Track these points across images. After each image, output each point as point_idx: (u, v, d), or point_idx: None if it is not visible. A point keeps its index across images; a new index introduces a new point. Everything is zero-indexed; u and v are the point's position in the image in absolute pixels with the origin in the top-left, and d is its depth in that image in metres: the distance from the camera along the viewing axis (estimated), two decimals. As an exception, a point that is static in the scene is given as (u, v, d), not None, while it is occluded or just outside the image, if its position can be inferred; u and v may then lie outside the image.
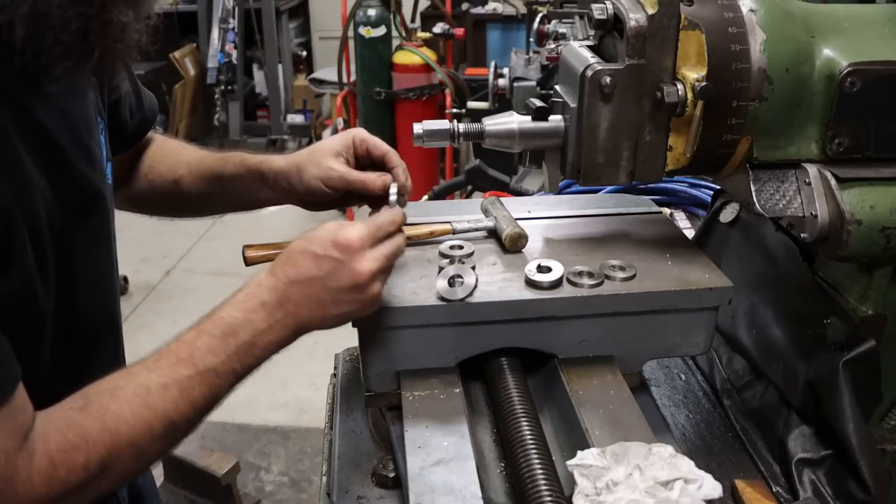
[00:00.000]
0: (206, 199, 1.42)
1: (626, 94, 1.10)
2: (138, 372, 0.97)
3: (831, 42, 1.09)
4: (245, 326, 1.02)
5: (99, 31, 0.93)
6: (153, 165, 1.44)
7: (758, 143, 1.11)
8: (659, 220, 1.42)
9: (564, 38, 3.86)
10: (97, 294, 1.16)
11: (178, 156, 1.44)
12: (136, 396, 0.95)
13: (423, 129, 1.26)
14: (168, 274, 5.33)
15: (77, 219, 1.05)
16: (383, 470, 1.12)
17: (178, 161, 1.43)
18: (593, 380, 1.15)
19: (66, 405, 0.94)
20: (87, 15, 0.91)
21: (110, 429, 0.92)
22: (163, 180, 1.43)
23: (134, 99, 1.35)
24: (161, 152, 1.45)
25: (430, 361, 1.16)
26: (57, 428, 0.91)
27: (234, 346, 1.01)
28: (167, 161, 1.44)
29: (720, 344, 1.42)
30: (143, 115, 1.39)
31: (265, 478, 3.53)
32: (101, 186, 1.11)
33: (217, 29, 7.20)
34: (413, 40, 5.47)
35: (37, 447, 0.89)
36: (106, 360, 1.20)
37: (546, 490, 0.94)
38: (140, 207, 1.49)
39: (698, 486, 0.91)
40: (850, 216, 1.06)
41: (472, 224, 1.33)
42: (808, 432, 1.18)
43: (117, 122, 1.29)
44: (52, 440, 0.90)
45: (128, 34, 0.97)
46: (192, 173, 1.41)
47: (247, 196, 1.37)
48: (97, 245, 1.14)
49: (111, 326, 1.22)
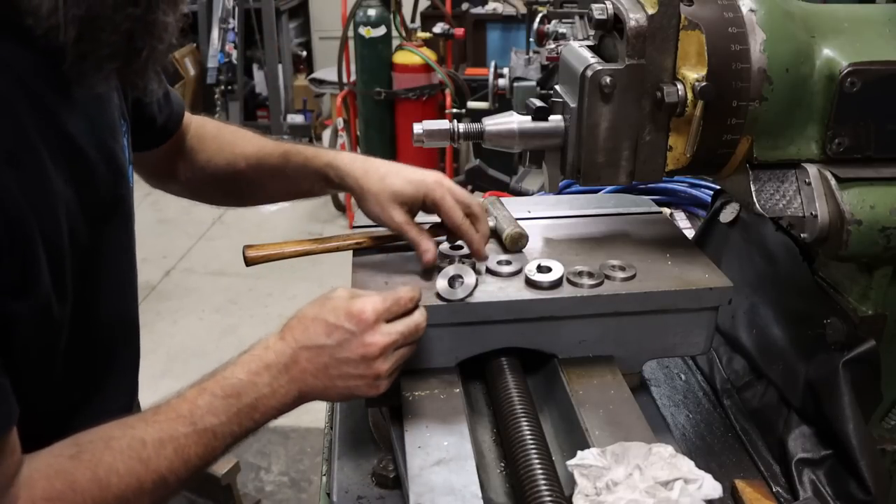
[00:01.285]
0: (268, 189, 1.43)
1: (626, 94, 1.10)
2: (135, 424, 0.95)
3: (831, 42, 1.09)
4: (248, 389, 1.00)
5: (145, 31, 0.92)
6: (211, 157, 1.43)
7: (758, 143, 1.11)
8: (659, 220, 1.42)
9: (564, 38, 3.86)
10: (118, 299, 1.15)
11: (235, 148, 1.42)
12: (131, 449, 0.92)
13: (423, 129, 1.26)
14: (168, 274, 5.32)
15: (99, 225, 1.04)
16: (383, 470, 1.12)
17: (237, 154, 1.41)
18: (593, 380, 1.15)
19: (56, 451, 0.91)
20: (136, 16, 0.90)
21: (100, 479, 0.90)
22: (224, 171, 1.42)
23: (161, 95, 1.34)
24: (218, 144, 1.44)
25: (430, 361, 1.16)
26: (45, 475, 0.88)
27: (236, 408, 0.99)
28: (225, 154, 1.43)
29: (720, 344, 1.42)
30: (172, 109, 1.38)
31: (265, 478, 3.53)
32: (124, 191, 1.11)
33: (217, 29, 7.20)
34: (413, 40, 5.46)
35: (21, 494, 0.86)
36: (124, 365, 1.20)
37: (546, 490, 0.94)
38: (202, 196, 1.51)
39: (698, 486, 0.90)
40: (850, 216, 1.06)
41: None
42: (808, 432, 1.18)
43: (147, 120, 1.30)
44: (39, 487, 0.87)
45: (169, 34, 0.96)
46: (252, 167, 1.39)
47: (310, 192, 1.38)
48: (119, 250, 1.14)
49: (131, 331, 1.22)
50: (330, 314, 1.03)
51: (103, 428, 0.94)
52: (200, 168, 1.44)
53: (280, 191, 1.42)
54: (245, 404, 0.99)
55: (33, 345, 0.93)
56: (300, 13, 8.42)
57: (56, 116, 0.95)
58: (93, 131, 1.02)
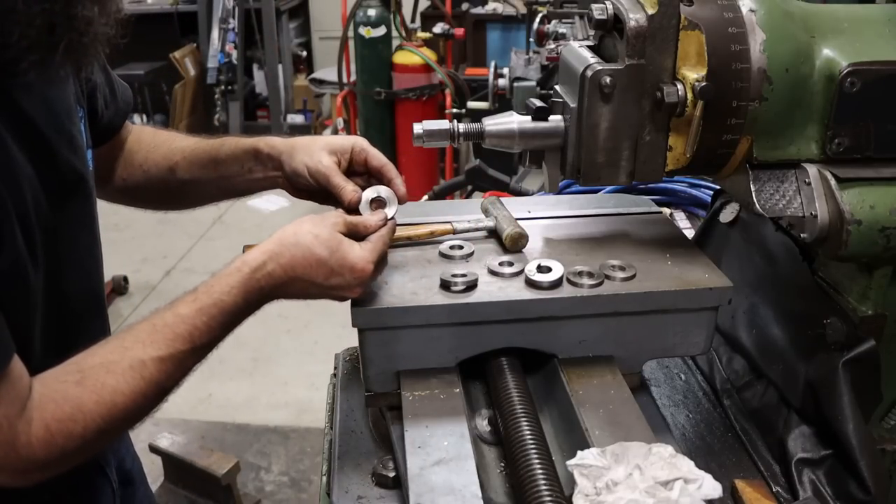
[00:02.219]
0: (201, 185, 1.43)
1: (626, 94, 1.10)
2: (132, 346, 1.02)
3: (831, 42, 1.09)
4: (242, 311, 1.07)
5: (65, 25, 0.97)
6: (148, 155, 1.45)
7: (758, 143, 1.11)
8: (659, 220, 1.42)
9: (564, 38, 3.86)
10: (82, 273, 1.21)
11: (173, 143, 1.45)
12: (132, 370, 1.00)
13: (423, 129, 1.26)
14: (168, 274, 5.33)
15: (61, 203, 1.10)
16: (383, 470, 1.12)
17: (173, 148, 1.44)
18: (593, 380, 1.15)
19: (60, 377, 0.98)
20: (52, 10, 0.95)
21: (107, 402, 0.97)
22: (158, 169, 1.44)
23: (108, 91, 1.37)
24: (154, 142, 1.47)
25: (430, 361, 1.16)
26: (53, 399, 0.95)
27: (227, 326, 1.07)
28: (162, 150, 1.45)
29: (720, 344, 1.42)
30: (118, 106, 1.40)
31: (265, 478, 3.53)
32: (84, 171, 1.17)
33: (217, 29, 7.20)
34: (413, 40, 5.47)
35: (34, 415, 0.94)
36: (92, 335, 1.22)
37: (546, 490, 0.94)
38: (136, 200, 1.51)
39: (698, 486, 0.91)
40: (849, 216, 1.06)
41: (473, 224, 1.33)
42: (808, 432, 1.18)
43: (91, 114, 1.31)
44: (49, 410, 0.95)
45: (93, 28, 1.01)
46: (187, 159, 1.42)
47: (240, 178, 1.38)
48: (81, 227, 1.20)
49: (97, 303, 1.28)
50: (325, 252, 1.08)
51: (100, 352, 1.01)
52: (138, 166, 1.45)
53: (214, 182, 1.42)
54: (235, 322, 1.08)
55: (16, 314, 0.98)
56: (300, 13, 8.42)
57: (11, 98, 1.02)
58: (49, 113, 1.09)
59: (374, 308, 1.11)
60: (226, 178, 1.39)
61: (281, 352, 4.46)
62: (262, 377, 4.28)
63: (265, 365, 4.38)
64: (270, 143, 1.33)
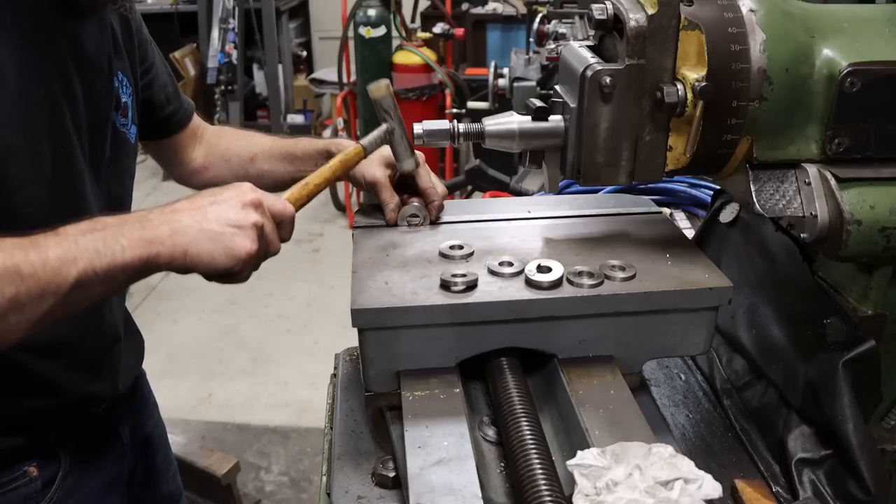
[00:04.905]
0: (276, 176, 1.58)
1: (626, 94, 1.10)
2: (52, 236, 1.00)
3: (831, 42, 1.09)
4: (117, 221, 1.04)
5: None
6: (230, 146, 1.66)
7: (758, 143, 1.11)
8: (659, 220, 1.42)
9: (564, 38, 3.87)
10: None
11: (253, 139, 1.65)
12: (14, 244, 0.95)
13: (423, 129, 1.26)
14: (168, 274, 5.32)
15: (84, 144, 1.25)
16: (383, 470, 1.12)
17: (253, 142, 1.64)
18: (593, 380, 1.15)
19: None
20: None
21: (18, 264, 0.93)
22: (239, 158, 1.63)
23: (172, 90, 1.59)
24: (236, 136, 1.69)
25: (430, 361, 1.16)
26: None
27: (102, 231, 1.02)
28: (243, 142, 1.65)
29: (720, 344, 1.42)
30: (182, 104, 1.62)
31: (265, 478, 3.54)
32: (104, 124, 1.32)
33: (217, 29, 7.20)
34: (413, 40, 5.47)
35: None
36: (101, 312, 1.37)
37: (546, 490, 0.94)
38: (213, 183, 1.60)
39: (698, 486, 0.91)
40: (849, 216, 1.06)
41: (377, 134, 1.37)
42: (808, 432, 1.18)
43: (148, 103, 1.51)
44: None
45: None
46: (266, 151, 1.60)
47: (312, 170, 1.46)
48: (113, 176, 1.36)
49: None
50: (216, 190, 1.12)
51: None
52: (219, 156, 1.66)
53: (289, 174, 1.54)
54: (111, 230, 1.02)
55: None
56: (300, 13, 8.42)
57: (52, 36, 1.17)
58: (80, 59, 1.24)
59: (374, 308, 1.11)
60: (300, 171, 1.48)
61: (281, 352, 4.46)
62: (262, 377, 4.28)
63: (265, 365, 4.38)
64: (340, 146, 1.44)
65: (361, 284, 1.17)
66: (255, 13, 7.12)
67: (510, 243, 1.31)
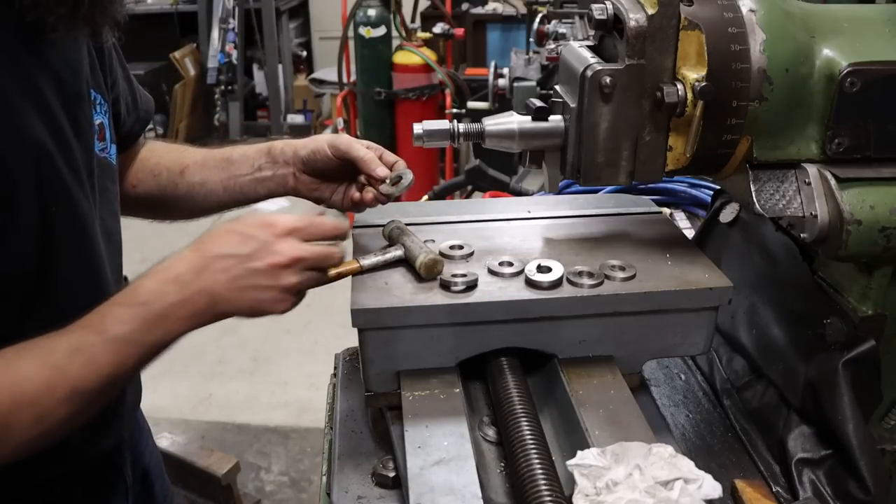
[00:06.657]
0: (208, 186, 1.44)
1: (626, 94, 1.10)
2: (50, 337, 0.98)
3: (831, 42, 1.09)
4: (157, 298, 1.02)
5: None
6: (159, 161, 1.48)
7: (758, 143, 1.11)
8: (659, 220, 1.42)
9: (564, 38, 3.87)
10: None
11: (186, 151, 1.50)
12: (42, 357, 0.96)
13: (423, 130, 1.26)
14: (168, 274, 5.32)
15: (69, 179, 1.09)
16: (383, 470, 1.12)
17: (185, 155, 1.48)
18: (593, 380, 1.15)
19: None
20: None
21: (13, 384, 0.93)
22: (169, 172, 1.46)
23: (130, 99, 1.39)
24: (167, 149, 1.51)
25: (430, 361, 1.16)
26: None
27: (143, 316, 1.01)
28: (174, 155, 1.49)
29: (720, 344, 1.42)
30: (138, 114, 1.43)
31: (265, 478, 3.53)
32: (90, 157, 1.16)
33: (217, 29, 7.20)
34: (413, 40, 5.47)
35: None
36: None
37: (546, 490, 0.94)
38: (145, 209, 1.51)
39: (698, 486, 0.91)
40: (849, 216, 1.06)
41: (381, 256, 1.22)
42: (808, 432, 1.18)
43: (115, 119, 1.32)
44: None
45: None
46: (198, 162, 1.45)
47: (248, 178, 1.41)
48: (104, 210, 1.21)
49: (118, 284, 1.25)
50: (243, 226, 1.06)
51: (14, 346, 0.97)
52: (149, 171, 1.47)
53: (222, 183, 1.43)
54: (154, 313, 1.01)
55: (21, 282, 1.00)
56: (300, 13, 8.43)
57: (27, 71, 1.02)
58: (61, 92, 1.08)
59: (374, 308, 1.11)
60: (234, 177, 1.42)
61: (281, 352, 4.46)
62: (262, 377, 4.28)
63: (265, 365, 4.38)
64: (286, 140, 1.39)
65: (361, 284, 1.17)
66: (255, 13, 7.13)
67: (510, 243, 1.31)
